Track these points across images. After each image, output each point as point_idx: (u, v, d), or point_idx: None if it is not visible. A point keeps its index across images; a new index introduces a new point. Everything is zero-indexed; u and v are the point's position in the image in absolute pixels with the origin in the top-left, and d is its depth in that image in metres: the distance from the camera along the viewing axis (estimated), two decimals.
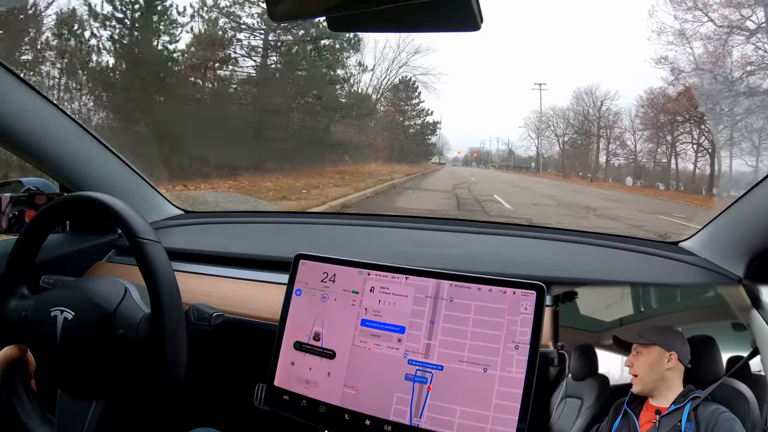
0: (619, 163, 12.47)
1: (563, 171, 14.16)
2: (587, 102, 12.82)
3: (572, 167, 14.07)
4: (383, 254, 0.79)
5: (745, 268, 0.78)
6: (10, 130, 0.87)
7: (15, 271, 0.73)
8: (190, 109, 8.53)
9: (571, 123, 13.36)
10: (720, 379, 0.54)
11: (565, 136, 13.79)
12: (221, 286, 0.91)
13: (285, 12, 0.50)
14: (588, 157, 13.45)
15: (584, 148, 13.44)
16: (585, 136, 13.15)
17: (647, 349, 0.57)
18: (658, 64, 9.57)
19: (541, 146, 14.59)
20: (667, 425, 0.53)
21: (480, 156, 17.05)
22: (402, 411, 0.60)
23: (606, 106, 12.47)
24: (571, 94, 14.35)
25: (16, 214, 0.98)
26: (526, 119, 14.95)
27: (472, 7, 0.44)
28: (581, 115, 13.06)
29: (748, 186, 0.78)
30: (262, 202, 5.97)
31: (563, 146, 14.13)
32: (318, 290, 0.68)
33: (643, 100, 11.10)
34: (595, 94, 12.70)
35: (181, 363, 0.64)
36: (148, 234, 0.66)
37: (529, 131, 14.69)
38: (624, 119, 11.91)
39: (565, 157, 14.16)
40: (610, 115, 12.26)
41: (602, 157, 13.08)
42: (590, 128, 12.95)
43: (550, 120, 13.96)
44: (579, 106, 13.02)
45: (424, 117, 14.59)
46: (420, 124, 14.59)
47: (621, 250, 0.97)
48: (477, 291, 0.61)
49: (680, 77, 9.28)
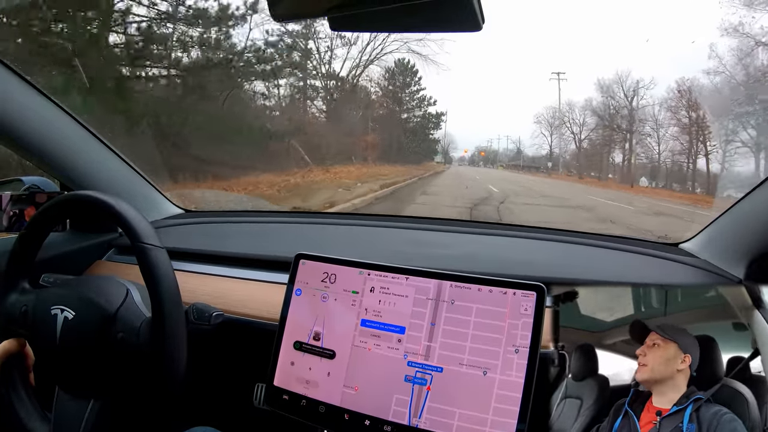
0: (654, 163, 10.55)
1: (578, 171, 12.81)
2: (615, 92, 10.90)
3: (589, 167, 12.54)
4: (383, 254, 0.79)
5: (745, 270, 0.78)
6: (10, 128, 0.87)
7: (17, 265, 0.74)
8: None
9: (598, 115, 11.45)
10: (721, 380, 0.54)
11: (581, 133, 12.25)
12: (221, 285, 0.91)
13: (286, 12, 0.50)
14: (610, 157, 11.85)
15: (607, 145, 11.67)
16: (616, 131, 11.28)
17: (666, 344, 0.57)
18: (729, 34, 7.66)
19: (554, 144, 13.05)
20: (668, 426, 0.53)
21: (488, 155, 15.72)
22: (401, 412, 0.60)
23: (641, 95, 10.49)
24: (594, 84, 12.74)
25: (17, 213, 0.98)
26: (539, 116, 13.49)
27: (474, 7, 0.44)
28: (611, 108, 11.15)
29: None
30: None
31: (579, 144, 12.60)
32: (318, 290, 0.68)
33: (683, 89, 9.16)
34: (626, 83, 10.70)
35: (181, 368, 0.64)
36: (152, 239, 0.66)
37: (542, 128, 13.35)
38: (659, 112, 10.03)
39: (583, 156, 12.62)
40: (647, 107, 10.34)
41: (619, 155, 11.41)
42: (620, 122, 10.96)
43: (565, 116, 12.45)
44: (605, 97, 11.20)
45: (425, 107, 12.21)
46: (421, 115, 12.30)
47: (621, 251, 0.97)
48: (477, 292, 0.61)
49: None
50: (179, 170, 5.92)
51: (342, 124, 10.49)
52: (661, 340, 0.57)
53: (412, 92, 12.15)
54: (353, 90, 11.11)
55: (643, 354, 0.58)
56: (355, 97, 11.21)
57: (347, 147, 10.37)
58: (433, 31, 0.57)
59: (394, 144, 11.79)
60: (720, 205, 0.88)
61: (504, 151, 15.50)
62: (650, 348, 0.58)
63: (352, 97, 11.11)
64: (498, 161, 15.59)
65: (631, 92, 10.79)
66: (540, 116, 13.26)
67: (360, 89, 11.33)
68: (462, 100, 20.83)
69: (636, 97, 10.76)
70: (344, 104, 10.92)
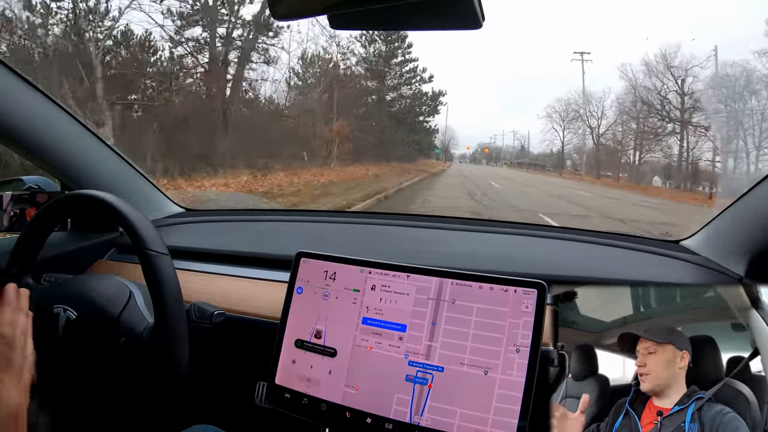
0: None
1: (593, 170, 10.92)
2: (660, 74, 8.44)
3: (609, 165, 10.67)
4: (385, 252, 0.79)
5: (745, 267, 0.78)
6: (10, 128, 0.87)
7: (20, 260, 0.74)
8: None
9: (644, 101, 9.14)
10: (722, 380, 0.54)
11: (599, 127, 10.31)
12: (222, 284, 0.91)
13: (286, 11, 0.50)
14: (636, 154, 9.80)
15: (652, 138, 9.24)
16: (664, 118, 8.89)
17: (662, 348, 0.56)
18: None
19: (567, 140, 11.14)
20: (670, 426, 0.53)
21: (491, 152, 14.18)
22: (402, 411, 0.60)
23: (693, 76, 8.07)
24: (619, 68, 10.17)
25: (18, 212, 0.98)
26: (549, 108, 11.85)
27: (474, 4, 0.44)
28: (656, 92, 8.70)
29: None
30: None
31: (597, 140, 10.62)
32: (319, 288, 0.68)
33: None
34: (672, 62, 8.26)
35: (183, 371, 0.65)
36: (158, 246, 0.66)
37: (553, 123, 11.61)
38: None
39: (605, 153, 10.64)
40: (700, 92, 7.85)
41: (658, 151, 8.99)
42: (669, 110, 8.58)
43: (581, 108, 10.59)
44: (652, 78, 8.73)
45: (416, 84, 8.22)
46: (411, 96, 8.42)
47: (622, 248, 0.97)
48: (478, 290, 0.61)
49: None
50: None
51: (287, 110, 6.72)
52: (655, 344, 0.57)
53: (397, 64, 8.36)
54: (308, 60, 7.11)
55: (642, 364, 0.57)
56: (312, 69, 7.19)
57: (303, 140, 6.90)
58: (433, 29, 0.57)
59: (376, 137, 7.98)
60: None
61: (506, 148, 14.06)
62: (647, 356, 0.57)
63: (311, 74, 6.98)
64: (501, 159, 14.34)
65: (680, 72, 8.36)
66: (551, 109, 11.69)
67: (317, 58, 7.41)
68: (463, 89, 19.06)
69: (686, 77, 8.38)
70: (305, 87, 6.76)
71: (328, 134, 7.23)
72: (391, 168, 7.74)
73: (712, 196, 7.81)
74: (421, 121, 8.87)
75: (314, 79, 7.41)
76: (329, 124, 7.26)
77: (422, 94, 8.66)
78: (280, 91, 7.31)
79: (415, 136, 8.93)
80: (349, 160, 7.39)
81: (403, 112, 8.52)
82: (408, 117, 8.59)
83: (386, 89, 8.24)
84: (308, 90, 7.37)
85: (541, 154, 12.93)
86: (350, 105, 7.65)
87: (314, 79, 7.41)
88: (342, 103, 7.36)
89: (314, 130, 7.06)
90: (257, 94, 6.86)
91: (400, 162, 8.30)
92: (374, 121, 7.95)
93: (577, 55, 10.39)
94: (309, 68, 7.42)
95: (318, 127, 7.13)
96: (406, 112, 8.54)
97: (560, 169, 12.14)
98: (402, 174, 7.64)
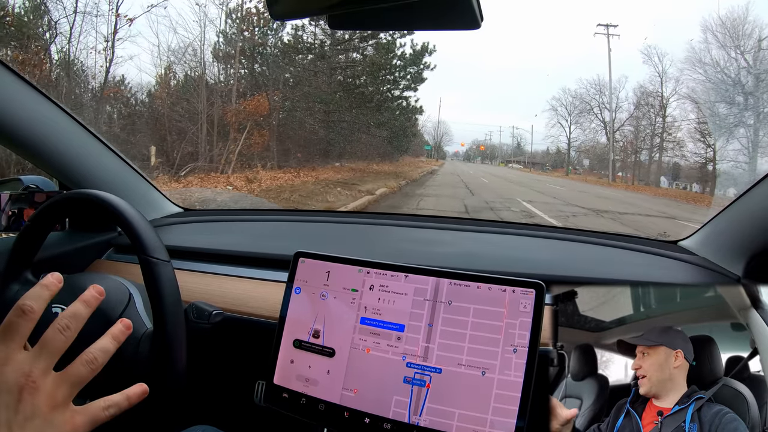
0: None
1: (624, 171, 9.07)
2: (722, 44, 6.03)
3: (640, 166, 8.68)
4: (383, 252, 0.79)
5: (744, 268, 0.78)
6: (9, 128, 0.87)
7: (18, 257, 0.74)
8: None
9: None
10: (722, 380, 0.55)
11: (613, 122, 8.54)
12: (220, 283, 0.91)
13: (286, 11, 0.50)
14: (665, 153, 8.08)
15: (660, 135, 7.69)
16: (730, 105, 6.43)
17: (654, 350, 0.57)
18: None
19: (573, 134, 9.63)
20: (670, 425, 0.53)
21: (487, 149, 13.16)
22: (401, 412, 0.60)
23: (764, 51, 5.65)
24: (642, 51, 8.80)
25: (16, 212, 0.98)
26: (555, 99, 10.63)
27: (472, 5, 0.44)
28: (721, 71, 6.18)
29: None
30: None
31: (611, 135, 9.05)
32: (317, 288, 0.68)
33: None
34: (736, 31, 5.92)
35: (180, 382, 0.65)
36: (159, 253, 0.66)
37: (558, 116, 10.44)
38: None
39: (632, 150, 8.90)
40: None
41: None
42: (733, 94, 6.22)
43: (594, 99, 9.04)
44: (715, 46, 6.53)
45: (390, 48, 5.38)
46: (385, 64, 5.44)
47: (621, 249, 0.97)
48: (476, 290, 0.61)
49: None
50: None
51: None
52: (648, 348, 0.58)
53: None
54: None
55: (638, 367, 0.58)
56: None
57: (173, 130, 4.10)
58: (432, 29, 0.57)
59: (316, 122, 5.07)
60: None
61: (500, 145, 13.01)
62: (642, 359, 0.58)
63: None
64: (497, 157, 13.41)
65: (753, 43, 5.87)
66: (557, 100, 10.28)
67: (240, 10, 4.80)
68: (455, 82, 18.29)
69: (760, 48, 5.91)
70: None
71: (229, 117, 4.41)
72: (350, 172, 4.89)
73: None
74: (395, 106, 5.61)
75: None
76: (227, 102, 4.40)
77: (397, 66, 5.36)
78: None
79: (385, 129, 5.64)
80: (270, 158, 4.74)
81: (372, 95, 5.32)
82: (379, 99, 5.28)
83: (334, 45, 5.27)
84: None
85: (558, 152, 11.54)
86: (272, 71, 4.75)
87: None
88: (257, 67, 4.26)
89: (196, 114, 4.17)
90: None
91: (366, 161, 5.56)
92: (315, 98, 5.00)
93: (602, 28, 8.73)
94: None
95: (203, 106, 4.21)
96: (375, 94, 5.30)
97: (570, 170, 10.71)
98: (366, 183, 4.75)
